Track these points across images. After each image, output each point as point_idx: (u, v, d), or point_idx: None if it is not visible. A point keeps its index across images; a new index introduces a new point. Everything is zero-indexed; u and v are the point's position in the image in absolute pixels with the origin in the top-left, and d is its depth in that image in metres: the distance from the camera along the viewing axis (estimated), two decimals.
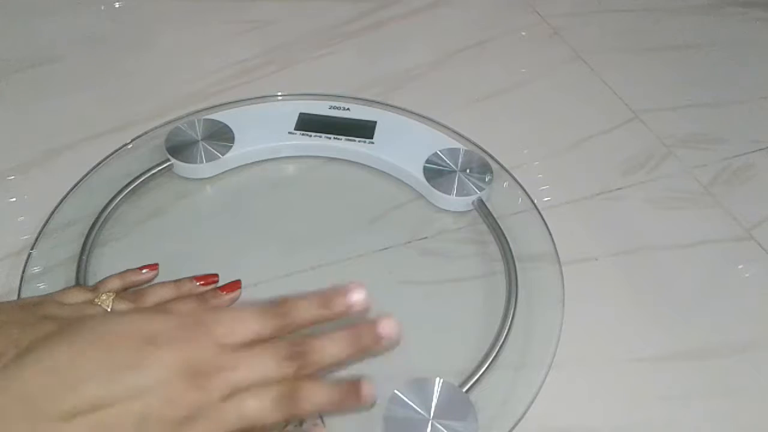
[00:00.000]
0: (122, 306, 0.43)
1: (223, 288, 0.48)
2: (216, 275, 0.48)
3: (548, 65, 0.71)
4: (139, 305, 0.44)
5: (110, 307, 0.42)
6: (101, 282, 0.46)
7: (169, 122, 0.61)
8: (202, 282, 0.48)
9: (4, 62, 0.69)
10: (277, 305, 0.35)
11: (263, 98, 0.64)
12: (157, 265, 0.48)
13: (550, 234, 0.54)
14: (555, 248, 0.53)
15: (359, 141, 0.59)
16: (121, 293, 0.45)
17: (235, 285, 0.48)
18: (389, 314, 0.36)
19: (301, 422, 0.43)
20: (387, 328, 0.35)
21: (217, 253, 0.52)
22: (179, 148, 0.57)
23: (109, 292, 0.43)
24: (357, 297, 0.36)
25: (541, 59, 0.72)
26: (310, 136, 0.59)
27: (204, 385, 0.31)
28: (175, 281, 0.47)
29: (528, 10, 0.78)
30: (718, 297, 0.51)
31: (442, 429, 0.41)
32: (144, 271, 0.48)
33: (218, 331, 0.32)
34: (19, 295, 0.49)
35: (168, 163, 0.57)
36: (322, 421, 0.42)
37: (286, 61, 0.70)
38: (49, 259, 0.51)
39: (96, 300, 0.43)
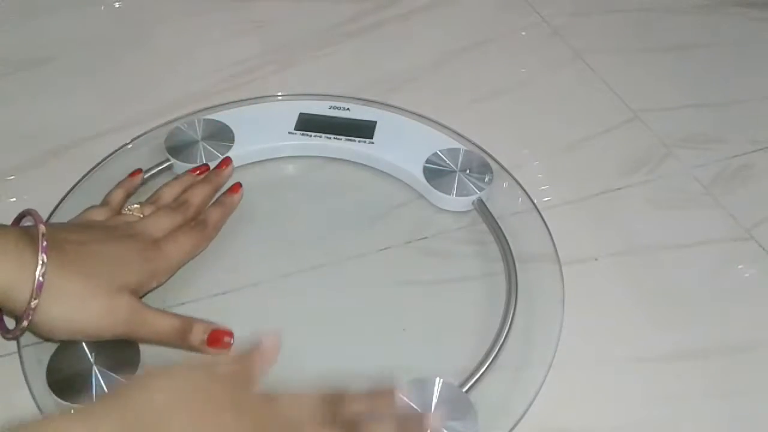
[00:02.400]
0: (149, 210, 0.50)
1: (218, 167, 0.56)
2: (207, 166, 0.56)
3: (548, 65, 0.71)
4: (160, 205, 0.51)
5: (142, 213, 0.50)
6: (108, 198, 0.51)
7: (169, 122, 0.61)
8: (197, 172, 0.55)
9: (4, 62, 0.69)
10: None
11: (263, 98, 0.64)
12: (140, 170, 0.55)
13: (550, 234, 0.54)
14: (555, 248, 0.53)
15: (359, 141, 0.59)
16: (142, 203, 0.51)
17: (226, 161, 0.56)
18: None
19: None
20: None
21: (217, 252, 0.52)
22: (179, 148, 0.57)
23: (132, 206, 0.51)
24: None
25: (541, 59, 0.72)
26: (310, 136, 0.59)
27: None
28: (176, 179, 0.54)
29: (528, 10, 0.78)
30: (718, 297, 0.51)
31: (442, 429, 0.41)
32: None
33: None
34: None
35: (168, 163, 0.57)
36: None
37: (286, 61, 0.70)
38: None
39: (125, 211, 0.50)
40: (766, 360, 0.47)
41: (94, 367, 0.43)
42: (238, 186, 0.55)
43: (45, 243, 0.40)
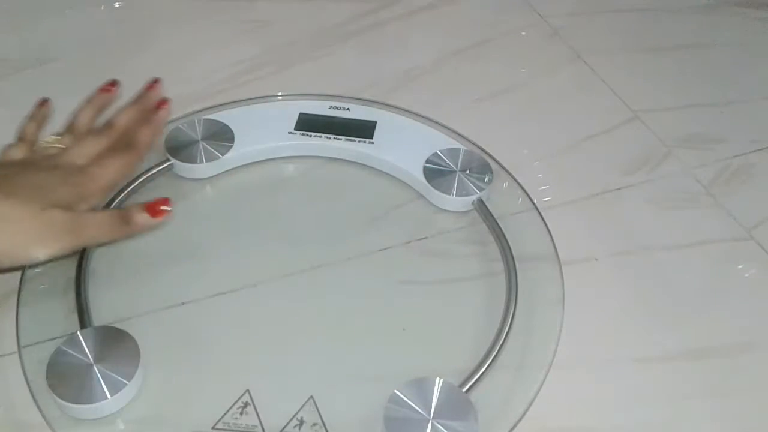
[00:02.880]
0: (68, 140, 0.49)
1: (146, 88, 0.55)
2: (112, 83, 0.55)
3: (548, 65, 0.71)
4: (80, 132, 0.50)
5: (62, 144, 0.49)
6: (21, 133, 0.50)
7: (169, 122, 0.61)
8: (108, 90, 0.54)
9: (4, 62, 0.69)
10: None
11: (263, 98, 0.64)
12: (47, 99, 0.54)
13: (550, 234, 0.54)
14: (555, 248, 0.53)
15: (359, 141, 0.59)
16: (60, 133, 0.50)
17: (154, 85, 0.56)
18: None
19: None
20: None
21: (216, 253, 0.52)
22: (179, 148, 0.57)
23: (50, 137, 0.50)
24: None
25: (541, 59, 0.72)
26: (310, 136, 0.59)
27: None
28: (87, 100, 0.53)
29: (528, 10, 0.78)
30: (718, 297, 0.51)
31: (442, 429, 0.41)
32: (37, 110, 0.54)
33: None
34: (19, 296, 0.49)
35: (168, 163, 0.57)
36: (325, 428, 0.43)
37: (286, 61, 0.70)
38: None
39: (42, 144, 0.49)
40: (766, 360, 0.47)
41: (94, 367, 0.43)
42: (165, 101, 0.53)
43: None
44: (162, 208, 0.46)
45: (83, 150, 0.48)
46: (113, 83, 0.55)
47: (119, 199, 0.54)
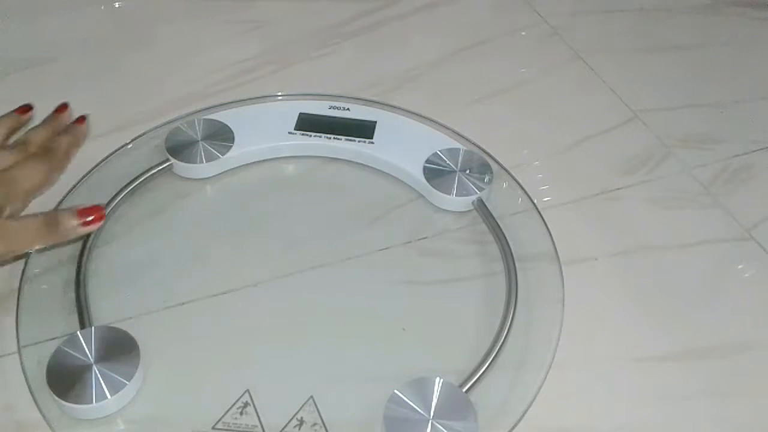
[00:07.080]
0: None
1: (55, 112, 0.55)
2: (27, 107, 0.55)
3: (548, 65, 0.71)
4: None
5: None
6: None
7: (169, 122, 0.61)
8: (20, 112, 0.55)
9: (4, 62, 0.69)
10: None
11: (263, 98, 0.64)
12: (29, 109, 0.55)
13: (550, 234, 0.54)
14: (555, 248, 0.53)
15: (359, 141, 0.59)
16: None
17: (62, 108, 0.55)
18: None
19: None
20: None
21: (216, 253, 0.53)
22: (179, 148, 0.57)
23: None
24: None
25: (541, 59, 0.72)
26: (310, 136, 0.59)
27: None
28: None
29: (528, 10, 0.78)
30: (718, 297, 0.51)
31: (442, 429, 0.41)
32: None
33: None
34: (19, 296, 0.49)
35: (168, 163, 0.57)
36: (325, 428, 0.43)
37: (286, 61, 0.70)
38: (49, 259, 0.51)
39: None
40: (766, 360, 0.47)
41: (94, 367, 0.43)
42: (83, 117, 0.55)
43: None
44: (93, 217, 0.43)
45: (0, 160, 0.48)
46: (28, 108, 0.55)
47: (118, 199, 0.54)
